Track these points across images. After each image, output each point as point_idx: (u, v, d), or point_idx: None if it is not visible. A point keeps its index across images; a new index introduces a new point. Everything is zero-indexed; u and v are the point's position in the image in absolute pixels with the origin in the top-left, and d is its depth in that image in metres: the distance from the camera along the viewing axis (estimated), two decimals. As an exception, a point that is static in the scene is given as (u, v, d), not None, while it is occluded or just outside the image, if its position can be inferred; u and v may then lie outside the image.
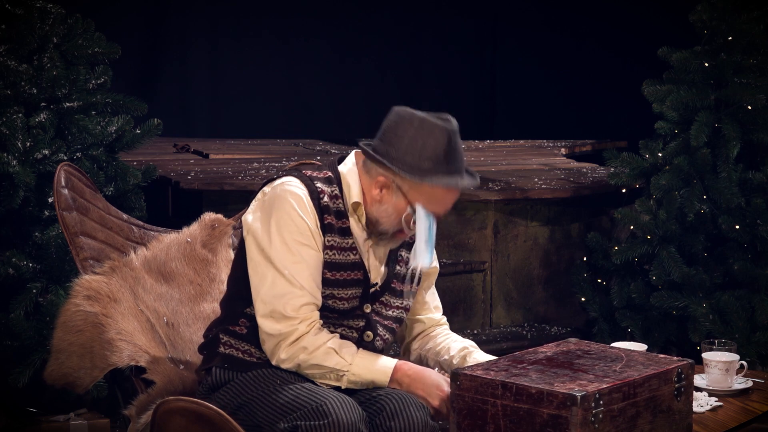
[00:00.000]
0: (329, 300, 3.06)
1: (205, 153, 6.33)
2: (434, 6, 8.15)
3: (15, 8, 4.46)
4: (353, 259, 3.07)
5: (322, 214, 3.02)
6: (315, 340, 2.98)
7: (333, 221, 3.04)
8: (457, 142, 3.01)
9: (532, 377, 2.77)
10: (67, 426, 4.43)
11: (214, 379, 3.09)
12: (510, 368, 2.84)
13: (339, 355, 2.99)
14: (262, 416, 2.97)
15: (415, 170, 2.97)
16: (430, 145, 2.97)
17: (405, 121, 3.00)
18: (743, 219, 4.93)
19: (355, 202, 3.06)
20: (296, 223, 2.99)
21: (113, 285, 3.26)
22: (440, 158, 2.97)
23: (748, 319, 4.89)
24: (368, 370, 3.00)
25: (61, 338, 3.22)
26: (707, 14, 5.06)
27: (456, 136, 3.01)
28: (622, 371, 2.84)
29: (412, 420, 2.96)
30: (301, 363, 2.98)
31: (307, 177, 3.05)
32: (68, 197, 3.33)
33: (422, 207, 3.00)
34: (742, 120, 4.98)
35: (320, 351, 2.98)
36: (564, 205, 5.52)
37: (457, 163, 3.00)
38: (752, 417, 3.28)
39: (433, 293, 3.33)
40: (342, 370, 2.99)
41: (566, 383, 2.73)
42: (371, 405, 3.01)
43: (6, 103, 4.41)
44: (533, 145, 7.35)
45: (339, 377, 2.99)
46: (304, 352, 2.97)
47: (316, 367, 2.98)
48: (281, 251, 2.98)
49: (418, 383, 3.01)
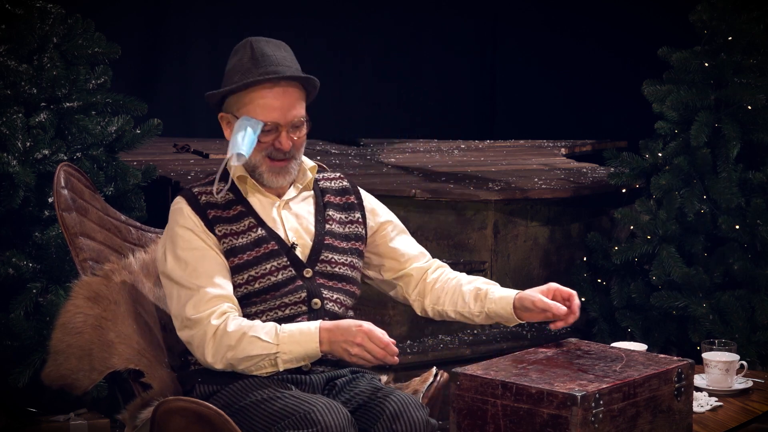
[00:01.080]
0: (254, 283, 3.07)
1: (205, 153, 6.32)
2: (434, 6, 8.15)
3: (15, 8, 4.46)
4: (257, 236, 3.09)
5: (204, 212, 3.08)
6: (234, 334, 2.96)
7: (220, 213, 3.10)
8: (262, 48, 3.11)
9: (532, 377, 2.77)
10: (67, 426, 4.43)
11: (197, 393, 3.09)
12: (510, 368, 2.84)
13: (263, 341, 2.96)
14: (255, 423, 2.96)
15: (229, 86, 3.11)
16: (236, 61, 3.13)
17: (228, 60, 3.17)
18: (743, 219, 4.93)
19: (239, 176, 3.14)
20: (180, 234, 3.07)
21: (113, 287, 3.26)
22: (246, 66, 3.09)
23: (748, 319, 4.88)
24: (297, 344, 2.96)
25: (60, 339, 3.21)
26: (707, 14, 5.06)
27: (258, 43, 3.13)
28: (622, 371, 2.84)
29: (413, 421, 2.95)
30: (231, 360, 2.98)
31: (188, 189, 3.15)
32: (68, 198, 3.33)
33: (246, 117, 3.08)
34: (742, 120, 4.97)
35: (243, 342, 2.96)
36: (564, 205, 5.52)
37: (268, 65, 3.08)
38: (752, 417, 3.28)
39: (404, 242, 3.32)
40: (271, 353, 2.96)
41: (566, 383, 2.73)
42: (371, 409, 3.00)
43: (6, 103, 4.40)
44: (533, 145, 7.35)
45: (273, 362, 2.97)
46: (229, 350, 2.97)
47: (246, 359, 2.97)
48: (175, 267, 3.05)
49: (337, 334, 2.94)
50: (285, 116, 3.10)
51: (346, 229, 3.22)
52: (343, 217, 3.23)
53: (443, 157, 6.65)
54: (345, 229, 3.22)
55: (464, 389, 2.79)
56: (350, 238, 3.22)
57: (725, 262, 4.98)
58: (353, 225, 3.25)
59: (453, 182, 5.52)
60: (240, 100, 3.12)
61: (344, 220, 3.24)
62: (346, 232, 3.22)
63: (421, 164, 6.23)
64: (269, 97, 3.09)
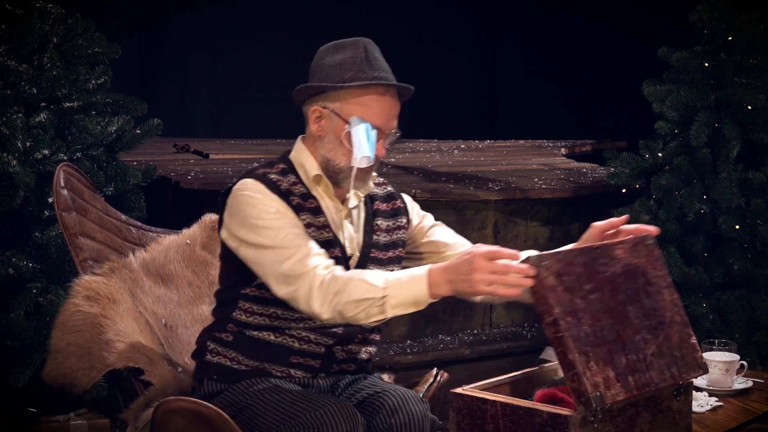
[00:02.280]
0: None
1: (205, 153, 6.33)
2: (434, 6, 8.16)
3: (15, 8, 4.46)
4: (327, 237, 3.02)
5: (287, 198, 2.99)
6: (340, 279, 2.85)
7: (301, 201, 3.01)
8: (374, 52, 3.04)
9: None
10: (67, 426, 4.43)
11: (206, 389, 3.08)
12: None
13: (370, 284, 2.83)
14: (260, 424, 2.95)
15: (337, 81, 2.99)
16: (347, 58, 3.01)
17: (320, 52, 3.06)
18: (743, 219, 4.93)
19: (315, 175, 3.05)
20: (266, 208, 2.95)
21: (112, 286, 3.26)
22: (361, 65, 3.00)
23: (748, 319, 4.89)
24: (405, 287, 2.82)
25: (60, 338, 3.22)
26: (707, 14, 5.06)
27: (371, 46, 3.05)
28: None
29: (412, 415, 2.96)
30: (338, 306, 2.84)
31: (261, 174, 3.02)
32: (67, 198, 3.33)
33: (357, 118, 2.98)
34: (742, 120, 4.97)
35: (350, 287, 2.83)
36: (564, 205, 5.52)
37: (381, 71, 3.02)
38: (752, 417, 3.28)
39: (449, 234, 3.25)
40: (378, 297, 2.82)
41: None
42: (371, 403, 3.00)
43: (6, 103, 4.41)
44: (533, 145, 7.35)
45: (381, 307, 2.83)
46: (336, 296, 2.83)
47: (353, 304, 2.82)
48: (266, 233, 2.93)
49: (454, 270, 2.77)
50: (388, 124, 3.04)
51: (392, 236, 3.16)
52: (390, 224, 3.17)
53: (443, 157, 6.66)
54: (391, 236, 3.16)
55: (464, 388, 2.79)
56: (394, 246, 3.17)
57: (725, 262, 4.98)
58: (399, 231, 3.19)
59: (453, 182, 5.52)
60: (350, 98, 3.01)
61: (391, 227, 3.17)
62: (392, 240, 3.16)
63: (421, 164, 6.23)
64: (384, 103, 3.02)
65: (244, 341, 3.04)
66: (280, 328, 3.03)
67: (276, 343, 3.03)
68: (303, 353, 3.05)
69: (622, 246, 2.88)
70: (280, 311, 3.02)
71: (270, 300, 3.00)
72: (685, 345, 2.90)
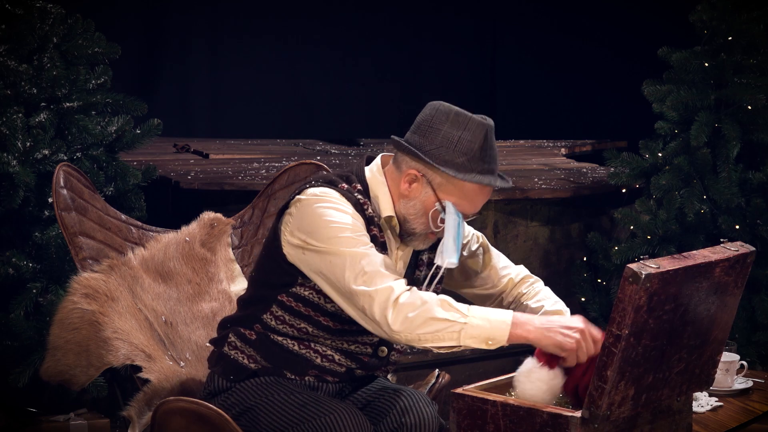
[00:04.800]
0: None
1: (205, 153, 6.33)
2: (434, 6, 8.15)
3: (15, 8, 4.47)
4: None
5: (368, 226, 2.92)
6: (422, 293, 2.77)
7: (377, 233, 2.94)
8: (492, 139, 2.90)
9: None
10: (67, 426, 4.43)
11: (214, 385, 3.06)
12: None
13: (453, 307, 2.75)
14: (266, 425, 2.94)
15: (449, 164, 2.86)
16: (466, 140, 2.87)
17: (441, 114, 2.90)
18: (743, 219, 4.93)
19: (388, 216, 2.95)
20: (352, 222, 2.86)
21: (111, 283, 3.26)
22: (475, 154, 2.87)
23: (748, 319, 4.89)
24: (487, 320, 2.76)
25: (58, 335, 3.22)
26: (707, 14, 5.06)
27: (492, 134, 2.90)
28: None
29: (422, 415, 2.95)
30: (416, 320, 2.74)
31: (345, 190, 2.92)
32: (67, 197, 3.33)
33: (452, 204, 2.90)
34: (742, 120, 4.98)
35: (431, 302, 2.75)
36: (564, 205, 5.52)
37: (492, 162, 2.90)
38: (752, 417, 3.28)
39: (498, 257, 3.22)
40: (459, 321, 2.74)
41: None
42: (381, 403, 2.99)
43: (6, 103, 4.41)
44: (533, 145, 7.35)
45: (457, 334, 2.75)
46: (416, 308, 2.74)
47: (430, 321, 2.73)
48: (347, 239, 2.83)
49: (543, 327, 2.75)
50: (476, 211, 2.97)
51: (434, 270, 3.05)
52: (433, 257, 3.03)
53: (443, 157, 6.64)
54: (433, 271, 3.06)
55: (464, 388, 2.79)
56: (435, 281, 3.06)
57: (725, 262, 4.97)
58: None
59: (453, 182, 5.51)
60: (453, 183, 2.88)
61: (433, 260, 3.03)
62: (433, 274, 3.06)
63: (421, 164, 6.22)
64: (483, 195, 2.92)
65: (267, 344, 2.99)
66: (307, 341, 2.98)
67: (298, 353, 2.98)
68: (322, 369, 3.00)
69: (723, 264, 2.76)
70: (311, 328, 2.96)
71: (304, 315, 2.95)
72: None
